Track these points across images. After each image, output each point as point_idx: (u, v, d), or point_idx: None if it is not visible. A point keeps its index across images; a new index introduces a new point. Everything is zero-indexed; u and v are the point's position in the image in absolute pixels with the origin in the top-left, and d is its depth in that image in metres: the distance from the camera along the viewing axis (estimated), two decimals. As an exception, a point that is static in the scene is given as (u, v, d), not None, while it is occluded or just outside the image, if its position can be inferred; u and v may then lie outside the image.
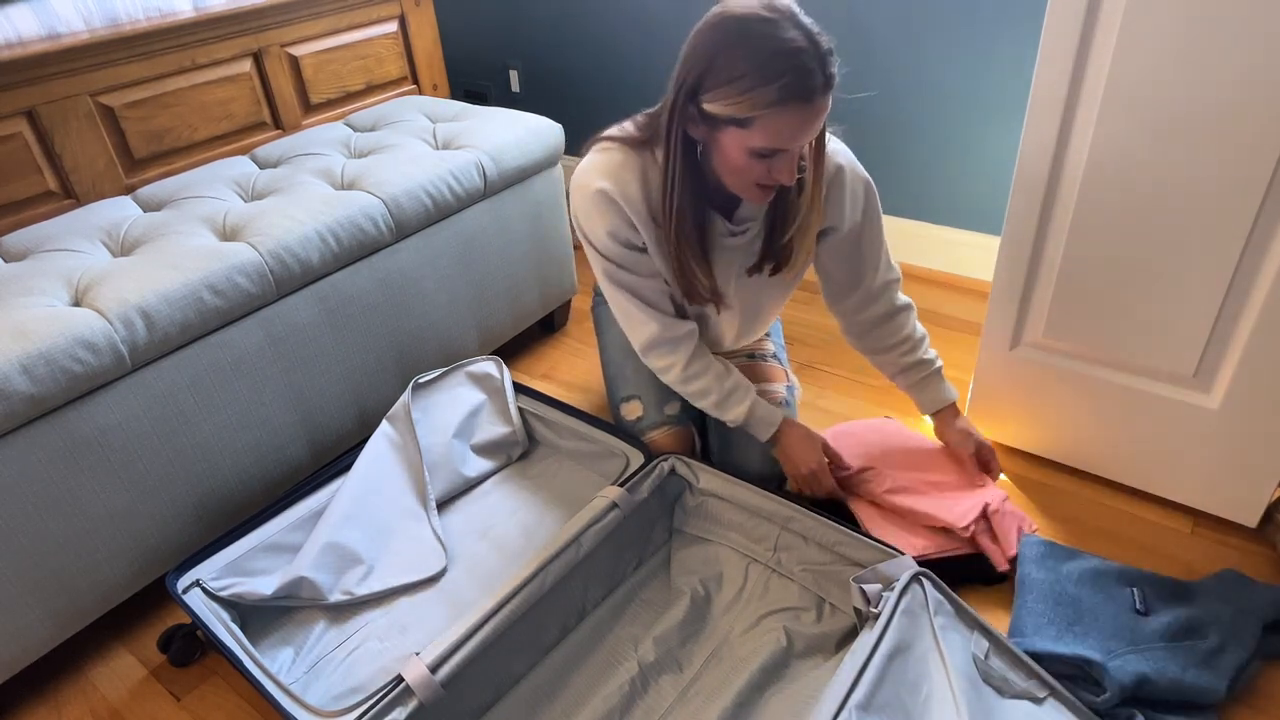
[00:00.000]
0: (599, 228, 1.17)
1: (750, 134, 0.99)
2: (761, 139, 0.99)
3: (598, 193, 1.14)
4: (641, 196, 1.14)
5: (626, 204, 1.13)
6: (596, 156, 1.17)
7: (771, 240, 1.21)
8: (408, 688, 1.02)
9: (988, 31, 1.86)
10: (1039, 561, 1.28)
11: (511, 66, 2.83)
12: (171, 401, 1.27)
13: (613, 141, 1.16)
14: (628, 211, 1.14)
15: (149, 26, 1.71)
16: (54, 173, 1.65)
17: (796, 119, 0.97)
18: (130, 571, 1.29)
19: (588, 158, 1.17)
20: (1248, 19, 1.04)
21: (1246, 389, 1.25)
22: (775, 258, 1.22)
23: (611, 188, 1.13)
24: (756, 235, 1.22)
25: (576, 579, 1.21)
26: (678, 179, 1.08)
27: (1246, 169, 1.11)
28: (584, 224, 1.19)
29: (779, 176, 1.04)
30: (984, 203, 2.05)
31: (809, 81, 0.95)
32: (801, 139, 1.00)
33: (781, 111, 0.96)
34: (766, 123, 0.97)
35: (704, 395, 1.28)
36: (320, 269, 1.42)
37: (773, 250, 1.21)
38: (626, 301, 1.24)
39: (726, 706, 1.06)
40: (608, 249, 1.19)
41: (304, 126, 2.06)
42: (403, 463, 1.40)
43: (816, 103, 0.97)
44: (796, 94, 0.95)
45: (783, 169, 1.03)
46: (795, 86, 0.94)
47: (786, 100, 0.95)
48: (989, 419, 1.55)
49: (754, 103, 0.96)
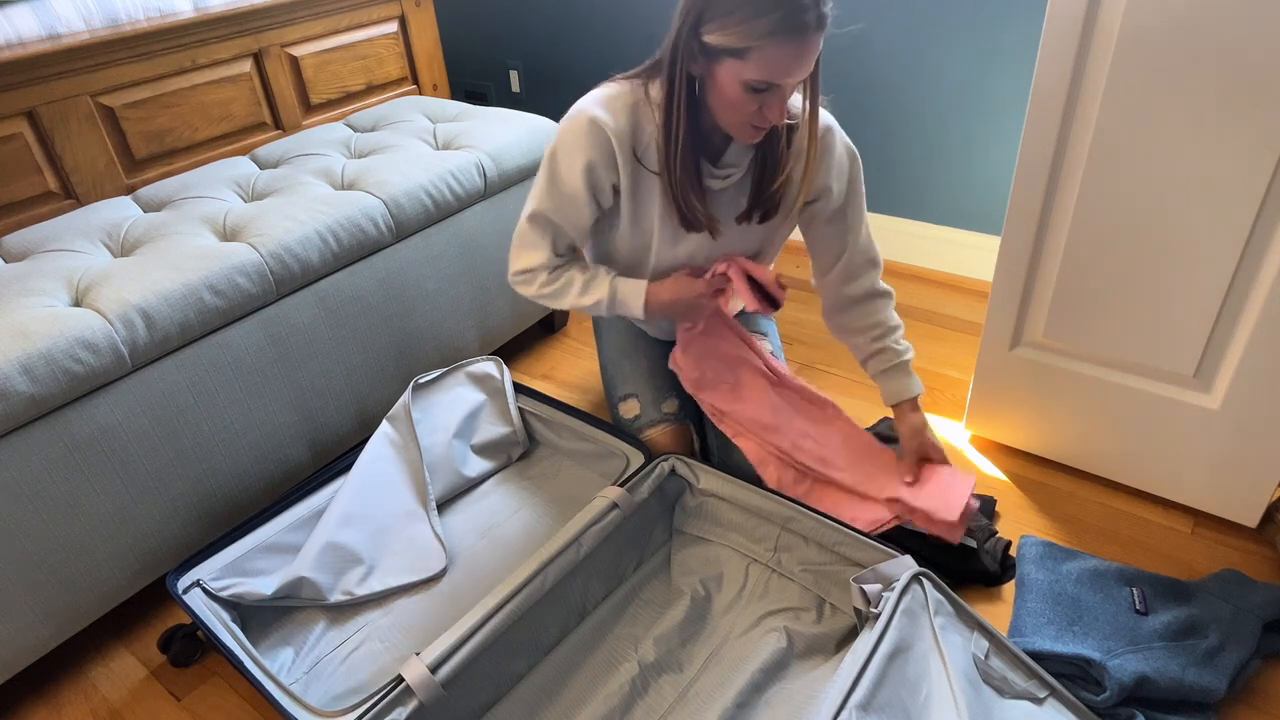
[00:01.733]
0: (578, 159, 1.18)
1: (745, 65, 1.02)
2: (755, 71, 1.02)
3: (591, 121, 1.16)
4: (629, 130, 1.17)
5: (616, 137, 1.16)
6: (597, 90, 1.20)
7: (760, 189, 1.23)
8: (408, 688, 1.02)
9: (988, 31, 1.86)
10: (1039, 561, 1.28)
11: (511, 66, 2.83)
12: (172, 401, 1.27)
13: (615, 80, 1.20)
14: (614, 145, 1.17)
15: (149, 27, 1.71)
16: (54, 173, 1.65)
17: (790, 52, 1.00)
18: (130, 572, 1.29)
19: (593, 93, 1.20)
20: (1247, 19, 1.04)
21: (1246, 389, 1.25)
22: (763, 206, 1.24)
23: (605, 117, 1.16)
24: (742, 183, 1.24)
25: (577, 579, 1.21)
26: (682, 111, 1.11)
27: (1246, 169, 1.11)
28: (564, 149, 1.20)
29: (769, 114, 1.07)
30: (984, 203, 2.05)
31: (802, 16, 0.98)
32: (794, 74, 1.03)
33: (775, 43, 0.99)
34: (761, 54, 1.01)
35: (568, 286, 1.29)
36: (320, 269, 1.42)
37: (761, 199, 1.24)
38: (534, 234, 1.27)
39: (727, 706, 1.06)
40: (569, 182, 1.20)
41: (304, 127, 2.06)
42: (403, 463, 1.40)
43: (810, 37, 1.00)
44: (790, 27, 0.98)
45: (774, 106, 1.06)
46: (789, 19, 0.98)
47: (779, 32, 0.98)
48: (989, 419, 1.56)
49: (750, 33, 0.99)
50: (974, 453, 1.58)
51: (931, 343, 1.91)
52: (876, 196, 2.21)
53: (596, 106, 1.17)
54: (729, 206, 1.26)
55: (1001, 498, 1.47)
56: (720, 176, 1.22)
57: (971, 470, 1.31)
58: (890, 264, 2.23)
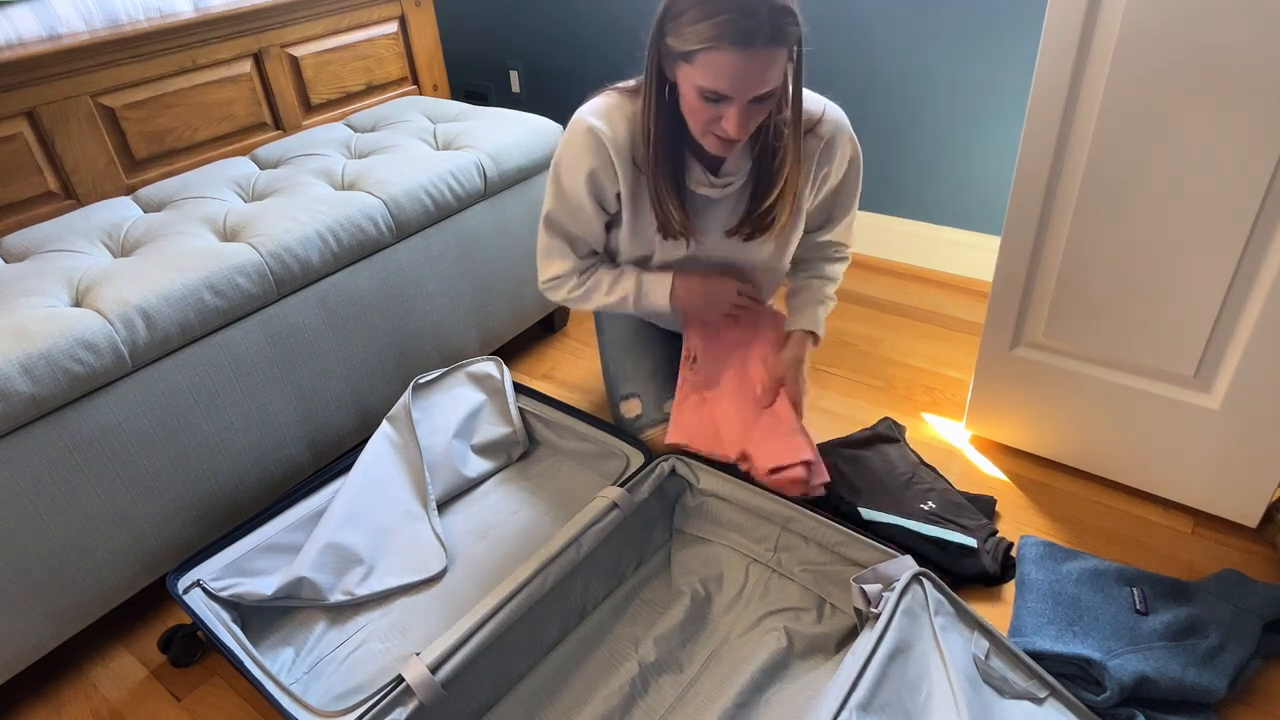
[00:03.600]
0: (580, 169, 1.19)
1: (694, 70, 1.01)
2: (702, 77, 1.00)
3: (588, 130, 1.17)
4: (627, 139, 1.17)
5: (613, 146, 1.16)
6: (594, 100, 1.21)
7: (753, 204, 1.23)
8: (408, 688, 1.02)
9: (988, 31, 1.86)
10: (1039, 561, 1.28)
11: (511, 67, 2.83)
12: (172, 402, 1.27)
13: (612, 89, 1.20)
14: (611, 153, 1.17)
15: (149, 27, 1.71)
16: (55, 173, 1.65)
17: (735, 61, 0.97)
18: (131, 572, 1.29)
19: (588, 103, 1.21)
20: (1248, 19, 1.04)
21: (1246, 389, 1.25)
22: (753, 224, 1.24)
23: (602, 126, 1.16)
24: (741, 194, 1.23)
25: (577, 579, 1.21)
26: (654, 111, 1.11)
27: (1246, 169, 1.11)
28: (565, 160, 1.21)
29: (727, 125, 1.03)
30: (984, 203, 2.05)
31: (747, 24, 0.94)
32: (743, 86, 0.99)
33: (718, 51, 0.97)
34: (706, 60, 0.98)
35: (596, 287, 1.32)
36: (321, 269, 1.42)
37: (751, 216, 1.23)
38: (553, 242, 1.29)
39: (727, 706, 1.06)
40: (574, 192, 1.21)
41: (304, 127, 2.06)
42: (403, 463, 1.40)
43: (756, 50, 0.96)
44: (732, 35, 0.95)
45: (730, 117, 1.02)
46: (733, 26, 0.95)
47: (722, 39, 0.96)
48: (989, 419, 1.56)
49: (696, 36, 0.97)
50: (974, 453, 1.58)
51: (931, 343, 1.91)
52: (877, 196, 2.21)
53: (594, 116, 1.17)
54: (725, 217, 1.25)
55: (1001, 498, 1.47)
56: (719, 185, 1.21)
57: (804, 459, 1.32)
58: (890, 264, 2.23)
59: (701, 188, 1.21)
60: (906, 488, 1.44)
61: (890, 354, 1.88)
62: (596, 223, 1.26)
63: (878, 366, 1.84)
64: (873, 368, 1.84)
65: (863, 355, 1.88)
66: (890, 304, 2.05)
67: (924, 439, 1.62)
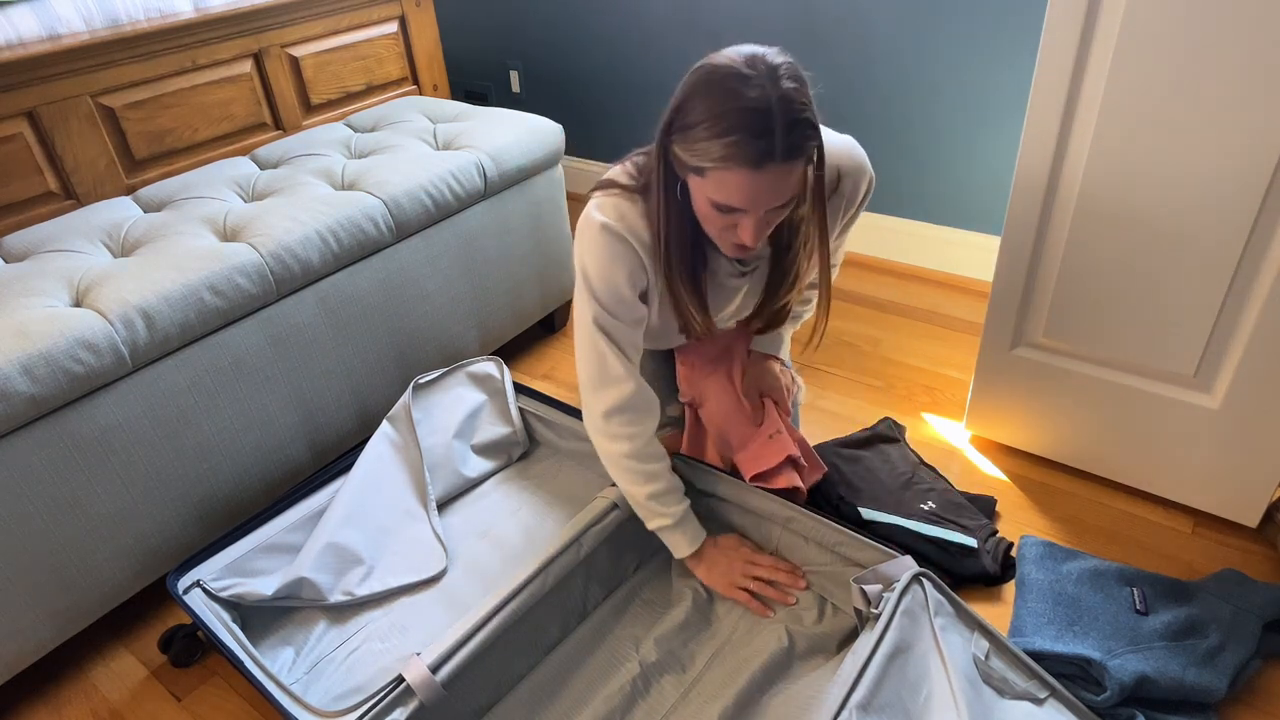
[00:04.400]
0: (618, 273, 1.10)
1: (706, 184, 0.96)
2: (715, 192, 0.95)
3: (613, 237, 1.09)
4: (651, 242, 1.10)
5: (638, 244, 1.09)
6: (604, 200, 1.11)
7: (768, 297, 1.19)
8: (408, 688, 1.02)
9: (988, 31, 1.86)
10: (1039, 562, 1.28)
11: (512, 67, 2.83)
12: (172, 402, 1.27)
13: (615, 187, 1.12)
14: (640, 253, 1.10)
15: (149, 27, 1.71)
16: (55, 173, 1.65)
17: (746, 181, 0.92)
18: (131, 572, 1.29)
19: (595, 202, 1.12)
20: (1247, 18, 1.04)
21: (1246, 389, 1.25)
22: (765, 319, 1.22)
23: (625, 230, 1.08)
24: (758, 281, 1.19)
25: (577, 579, 1.21)
26: (664, 215, 1.05)
27: (1246, 169, 1.11)
28: (599, 268, 1.10)
29: (742, 235, 0.98)
30: (984, 203, 2.05)
31: (758, 146, 0.89)
32: (757, 203, 0.95)
33: (729, 170, 0.92)
34: (717, 178, 0.93)
35: (652, 479, 1.20)
36: (321, 269, 1.42)
37: (764, 309, 1.21)
38: (609, 351, 1.15)
39: (728, 706, 1.06)
40: (620, 295, 1.11)
41: (304, 127, 2.06)
42: (403, 463, 1.40)
43: (767, 169, 0.91)
44: (743, 157, 0.90)
45: (745, 229, 0.98)
46: (743, 147, 0.90)
47: (731, 159, 0.91)
48: (989, 419, 1.56)
49: (705, 154, 0.92)
50: (974, 453, 1.58)
51: (931, 343, 1.91)
52: (877, 196, 2.21)
53: (615, 221, 1.09)
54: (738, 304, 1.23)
55: (1001, 498, 1.47)
56: (747, 271, 1.17)
57: None
58: (891, 264, 2.23)
59: (729, 279, 1.17)
60: (906, 488, 1.44)
61: (890, 354, 1.88)
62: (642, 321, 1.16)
63: (878, 366, 1.84)
64: (873, 368, 1.84)
65: (863, 355, 1.88)
66: (890, 304, 2.05)
67: (924, 439, 1.62)
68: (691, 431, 1.41)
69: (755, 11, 2.16)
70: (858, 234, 2.26)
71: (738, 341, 1.43)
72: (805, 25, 2.10)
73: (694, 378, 1.43)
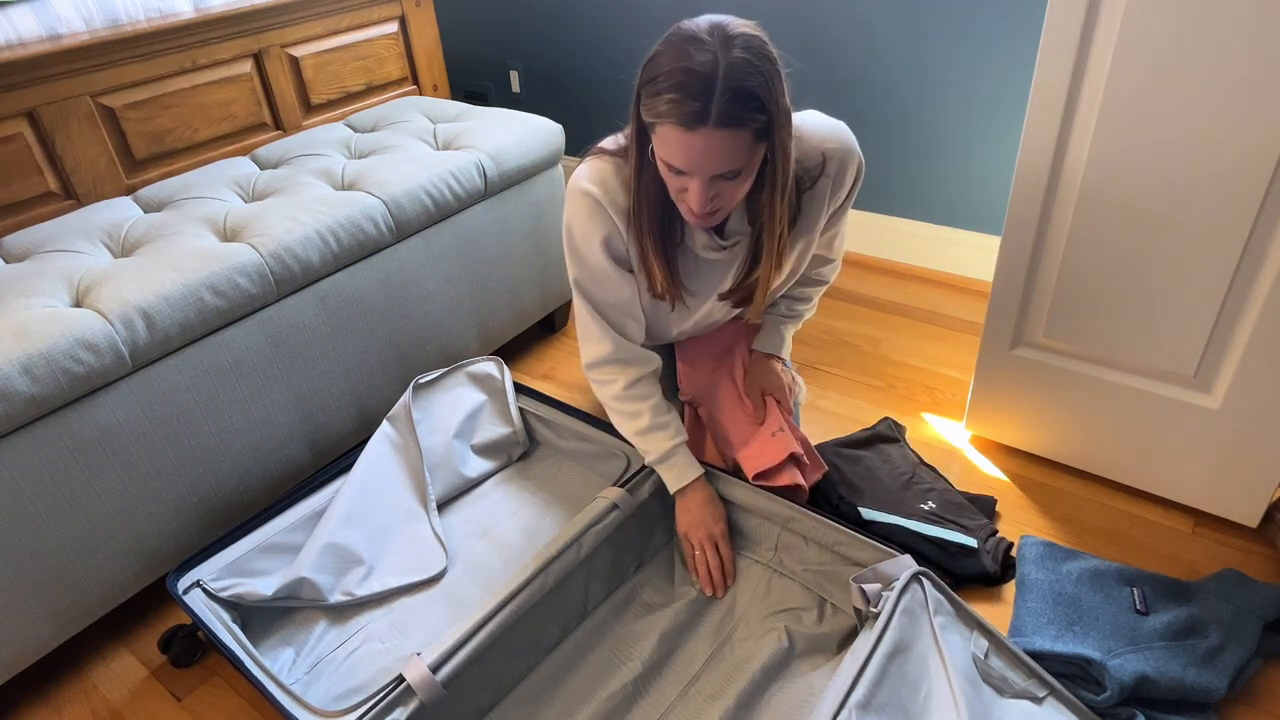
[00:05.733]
0: (593, 237, 1.16)
1: (657, 140, 1.00)
2: (661, 149, 0.99)
3: (591, 201, 1.14)
4: (626, 204, 1.14)
5: (613, 209, 1.14)
6: (588, 165, 1.17)
7: (747, 273, 1.20)
8: (409, 688, 1.02)
9: (988, 31, 1.86)
10: (1039, 561, 1.28)
11: (512, 67, 2.83)
12: (172, 402, 1.27)
13: (603, 152, 1.17)
14: (615, 219, 1.15)
15: (149, 27, 1.71)
16: (55, 173, 1.65)
17: (680, 140, 0.95)
18: (131, 572, 1.29)
19: (582, 166, 1.17)
20: (1247, 18, 1.04)
21: (1246, 389, 1.25)
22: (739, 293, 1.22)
23: (601, 195, 1.13)
24: (741, 258, 1.21)
25: (577, 579, 1.21)
26: (638, 174, 1.09)
27: (1246, 169, 1.11)
28: (577, 231, 1.18)
29: (690, 199, 1.01)
30: (984, 203, 2.05)
31: (692, 106, 0.92)
32: (695, 166, 0.97)
33: (668, 127, 0.95)
34: (662, 133, 0.97)
35: (635, 417, 1.27)
36: (321, 269, 1.42)
37: (742, 284, 1.21)
38: (588, 315, 1.24)
39: (728, 706, 1.06)
40: (594, 259, 1.19)
41: (304, 127, 2.06)
42: (403, 463, 1.40)
43: (699, 132, 0.93)
44: (678, 114, 0.93)
45: (692, 192, 1.00)
46: (679, 105, 0.93)
47: (668, 116, 0.94)
48: (989, 419, 1.56)
49: (652, 109, 0.96)
50: (974, 453, 1.58)
51: (931, 343, 1.91)
52: (877, 196, 2.21)
53: (592, 184, 1.14)
54: (720, 280, 1.24)
55: (1001, 498, 1.47)
56: (726, 245, 1.18)
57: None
58: (890, 264, 2.23)
59: (707, 251, 1.19)
60: (906, 488, 1.44)
61: (890, 354, 1.88)
62: (624, 285, 1.21)
63: (878, 366, 1.84)
64: (873, 368, 1.84)
65: (863, 355, 1.89)
66: (890, 304, 2.05)
67: (924, 439, 1.62)
68: (691, 430, 1.41)
69: (755, 11, 2.16)
70: (859, 234, 2.26)
71: (739, 341, 1.43)
72: (806, 25, 2.10)
73: (695, 376, 1.43)
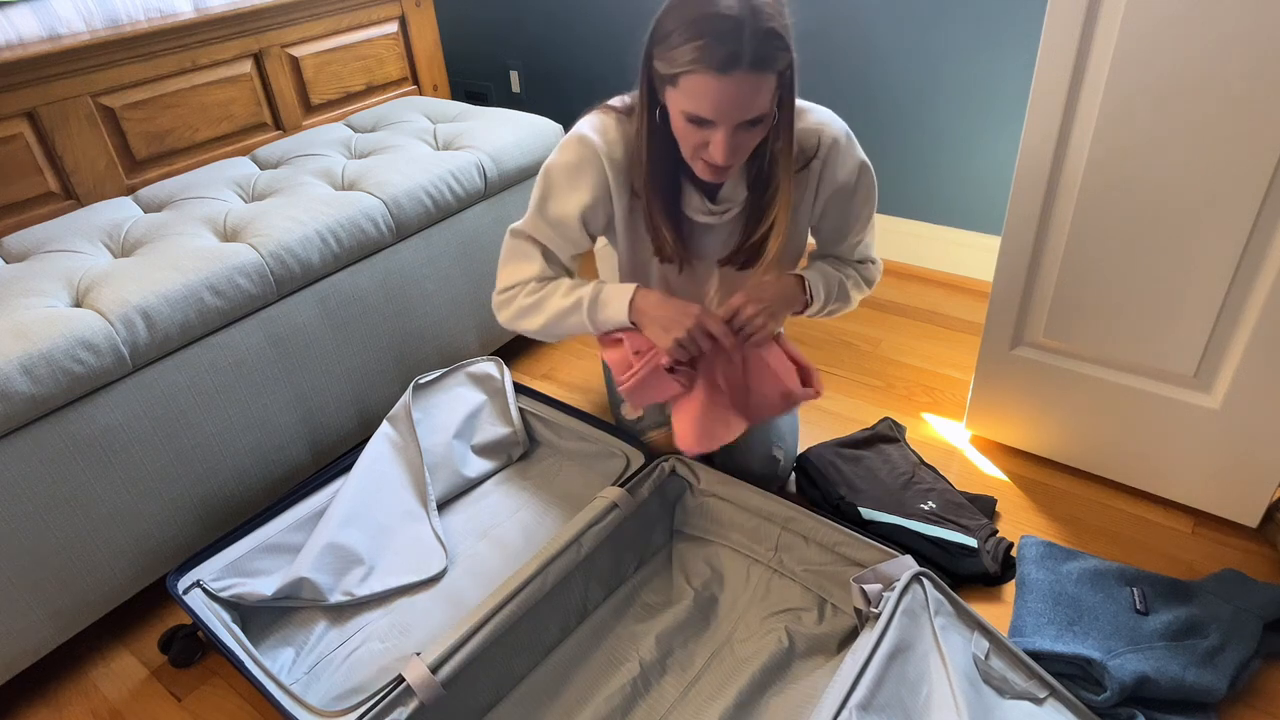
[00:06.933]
0: (576, 193, 1.16)
1: (678, 94, 0.99)
2: (686, 101, 0.98)
3: (588, 150, 1.13)
4: (625, 161, 1.15)
5: (610, 164, 1.14)
6: (593, 116, 1.17)
7: (747, 234, 1.20)
8: (409, 688, 1.02)
9: (988, 31, 1.86)
10: (1039, 561, 1.28)
11: (512, 67, 2.83)
12: (172, 402, 1.27)
13: (609, 109, 1.17)
14: (609, 174, 1.14)
15: (149, 27, 1.71)
16: (55, 174, 1.65)
17: (714, 86, 0.95)
18: (131, 572, 1.29)
19: (586, 117, 1.17)
20: (1247, 18, 1.04)
21: (1246, 389, 1.25)
22: (745, 254, 1.21)
23: (600, 143, 1.13)
24: (736, 222, 1.21)
25: (577, 579, 1.21)
26: (647, 134, 1.09)
27: (1246, 169, 1.11)
28: (560, 176, 1.16)
29: (714, 152, 1.01)
30: (984, 203, 2.05)
31: (724, 50, 0.92)
32: (724, 113, 0.97)
33: (697, 75, 0.95)
34: (688, 84, 0.96)
35: (553, 292, 1.22)
36: (321, 269, 1.42)
37: (745, 245, 1.20)
38: (522, 247, 1.23)
39: (728, 707, 1.06)
40: (559, 211, 1.18)
41: (304, 127, 2.06)
42: (403, 463, 1.40)
43: (734, 75, 0.93)
44: (710, 60, 0.93)
45: (715, 143, 1.00)
46: (710, 51, 0.92)
47: (699, 64, 0.94)
48: (989, 419, 1.56)
49: (676, 60, 0.96)
50: (974, 453, 1.58)
51: (931, 343, 1.91)
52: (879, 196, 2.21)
53: (594, 133, 1.14)
54: (719, 245, 1.23)
55: (1001, 498, 1.47)
56: (717, 212, 1.18)
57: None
58: (890, 264, 2.23)
59: (699, 215, 1.18)
60: (906, 488, 1.44)
61: (890, 354, 1.88)
62: (576, 241, 1.21)
63: (878, 366, 1.84)
64: (873, 368, 1.84)
65: (863, 355, 1.89)
66: (890, 304, 2.05)
67: (924, 439, 1.62)
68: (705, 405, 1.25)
69: (755, 11, 2.16)
70: (858, 234, 2.26)
71: None
72: (806, 25, 2.10)
73: None
